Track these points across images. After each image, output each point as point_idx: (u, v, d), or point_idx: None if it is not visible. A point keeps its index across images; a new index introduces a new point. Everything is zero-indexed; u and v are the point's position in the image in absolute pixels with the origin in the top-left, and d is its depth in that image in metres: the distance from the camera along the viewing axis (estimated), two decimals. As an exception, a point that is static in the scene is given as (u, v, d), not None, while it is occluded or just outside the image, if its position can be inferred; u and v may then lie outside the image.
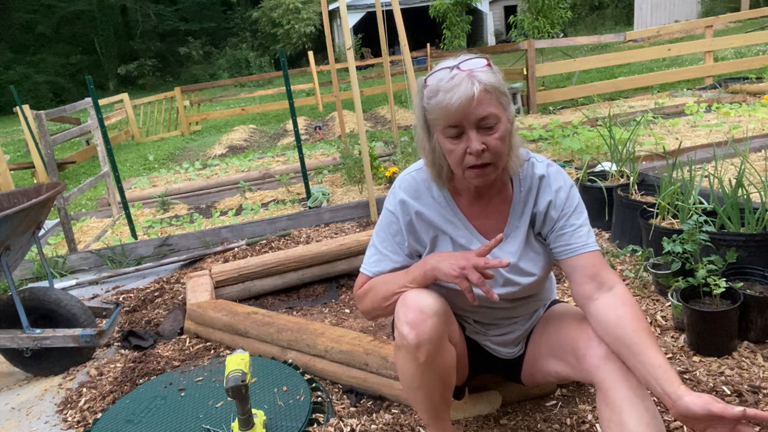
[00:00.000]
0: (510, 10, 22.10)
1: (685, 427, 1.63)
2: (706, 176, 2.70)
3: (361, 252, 3.10)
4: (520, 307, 1.56)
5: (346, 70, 4.19)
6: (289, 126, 11.41)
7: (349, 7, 22.12)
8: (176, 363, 2.43)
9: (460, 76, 1.26)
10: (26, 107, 7.42)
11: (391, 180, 5.09)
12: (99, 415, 2.12)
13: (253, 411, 1.77)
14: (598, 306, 1.33)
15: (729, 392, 1.74)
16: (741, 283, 2.06)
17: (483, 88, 1.25)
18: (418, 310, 1.34)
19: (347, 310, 2.84)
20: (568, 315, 1.50)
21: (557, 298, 1.71)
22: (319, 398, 1.97)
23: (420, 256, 1.52)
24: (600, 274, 1.36)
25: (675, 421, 1.65)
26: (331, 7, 18.02)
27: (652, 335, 1.26)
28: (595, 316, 1.34)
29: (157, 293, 3.26)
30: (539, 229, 1.47)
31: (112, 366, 2.51)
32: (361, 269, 1.55)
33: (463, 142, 1.29)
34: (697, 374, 1.85)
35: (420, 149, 1.43)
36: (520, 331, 1.59)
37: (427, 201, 1.48)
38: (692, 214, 2.36)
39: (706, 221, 2.33)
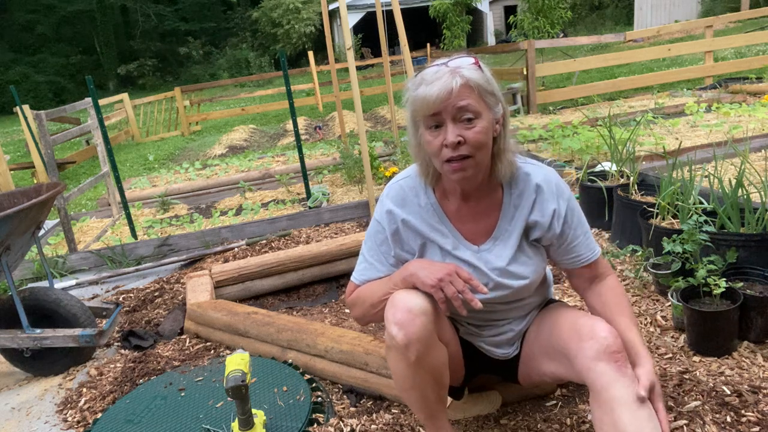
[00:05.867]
0: (510, 10, 22.09)
1: (685, 428, 1.63)
2: (706, 176, 2.70)
3: (361, 252, 3.10)
4: (513, 309, 1.56)
5: (346, 70, 4.19)
6: (289, 126, 11.41)
7: (349, 7, 22.11)
8: (176, 363, 2.43)
9: (444, 71, 1.30)
10: (26, 107, 7.41)
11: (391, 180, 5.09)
12: (99, 415, 2.12)
13: (253, 411, 1.77)
14: (591, 292, 1.55)
15: (729, 392, 1.74)
16: (741, 283, 2.06)
17: (464, 82, 1.28)
18: (406, 310, 1.35)
19: (347, 310, 2.84)
20: (561, 315, 1.49)
21: (554, 297, 1.71)
22: (319, 398, 1.97)
23: None
24: (596, 273, 1.54)
25: (675, 420, 1.65)
26: (331, 7, 18.01)
27: (631, 315, 1.45)
28: (587, 302, 1.57)
29: (157, 293, 3.26)
30: (538, 236, 1.47)
31: (112, 366, 2.51)
32: (351, 277, 1.58)
33: (441, 135, 1.31)
34: (697, 374, 1.85)
35: (409, 146, 1.46)
36: (513, 332, 1.59)
37: (414, 209, 1.48)
38: (692, 214, 2.36)
39: (706, 221, 2.33)
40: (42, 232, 4.65)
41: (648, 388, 1.25)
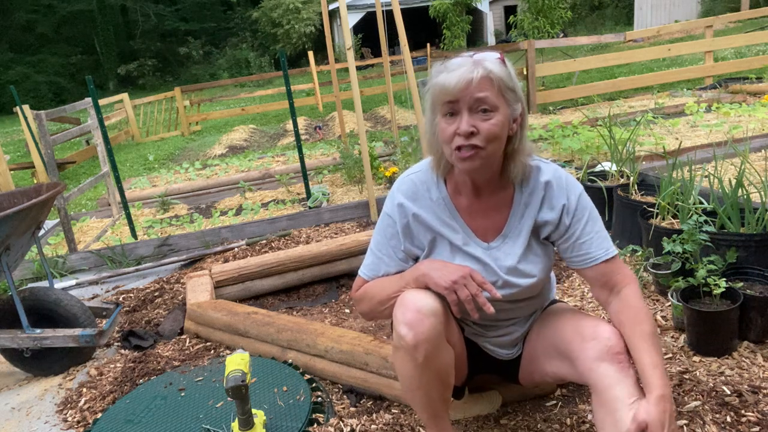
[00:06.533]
0: (510, 10, 22.09)
1: (685, 428, 1.63)
2: (706, 176, 2.70)
3: (361, 252, 3.10)
4: (518, 308, 1.56)
5: (346, 70, 4.19)
6: (289, 126, 11.41)
7: (349, 7, 22.11)
8: (176, 363, 2.43)
9: (468, 61, 1.31)
10: (26, 107, 7.41)
11: (391, 180, 5.09)
12: (99, 415, 2.12)
13: (253, 411, 1.77)
14: (610, 311, 1.44)
15: (729, 392, 1.74)
16: (741, 283, 2.06)
17: (485, 74, 1.29)
18: (415, 310, 1.34)
19: (347, 310, 2.84)
20: (563, 316, 1.50)
21: (556, 298, 1.71)
22: (319, 398, 1.97)
23: (417, 259, 1.52)
24: (613, 279, 1.43)
25: (676, 420, 1.65)
26: (331, 7, 18.00)
27: (646, 336, 1.31)
28: (611, 319, 1.44)
29: (157, 293, 3.26)
30: (548, 233, 1.47)
31: (112, 366, 2.51)
32: (359, 271, 1.56)
33: (456, 123, 1.32)
34: (697, 374, 1.85)
35: (424, 136, 1.47)
36: (518, 332, 1.59)
37: (425, 203, 1.48)
38: (692, 214, 2.36)
39: (706, 221, 2.33)
40: (42, 232, 4.65)
41: (636, 429, 1.18)
